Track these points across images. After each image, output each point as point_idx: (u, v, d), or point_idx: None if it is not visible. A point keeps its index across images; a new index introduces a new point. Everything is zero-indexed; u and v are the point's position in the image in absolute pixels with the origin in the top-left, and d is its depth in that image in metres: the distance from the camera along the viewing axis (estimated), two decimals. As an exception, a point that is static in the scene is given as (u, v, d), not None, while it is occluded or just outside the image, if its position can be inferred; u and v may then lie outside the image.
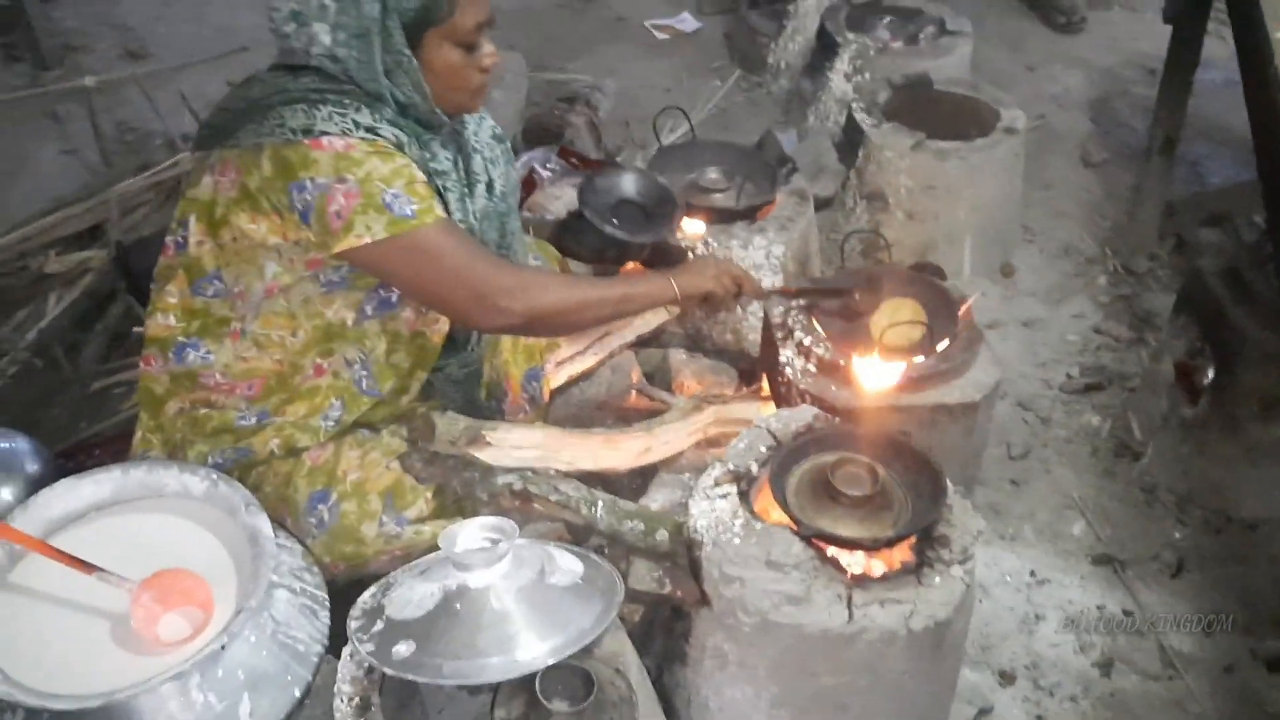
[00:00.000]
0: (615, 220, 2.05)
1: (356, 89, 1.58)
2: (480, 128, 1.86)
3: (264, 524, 1.52)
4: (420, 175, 1.60)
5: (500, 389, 2.01)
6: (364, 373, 1.75)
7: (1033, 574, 2.15)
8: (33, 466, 1.94)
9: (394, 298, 1.72)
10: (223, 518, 1.57)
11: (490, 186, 1.83)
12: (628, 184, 2.14)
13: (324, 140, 1.52)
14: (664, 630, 1.75)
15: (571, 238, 2.08)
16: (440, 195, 1.67)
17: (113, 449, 2.07)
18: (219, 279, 1.67)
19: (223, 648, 1.38)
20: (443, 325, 1.80)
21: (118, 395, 2.47)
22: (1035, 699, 1.93)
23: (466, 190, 1.75)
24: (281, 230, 1.60)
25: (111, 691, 1.32)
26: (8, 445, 1.95)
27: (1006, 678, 1.96)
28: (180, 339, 1.71)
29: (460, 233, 1.63)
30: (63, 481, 1.58)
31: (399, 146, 1.59)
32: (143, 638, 1.43)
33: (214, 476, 1.59)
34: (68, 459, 2.09)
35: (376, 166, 1.54)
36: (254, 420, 1.72)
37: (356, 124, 1.54)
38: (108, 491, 1.59)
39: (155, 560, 1.50)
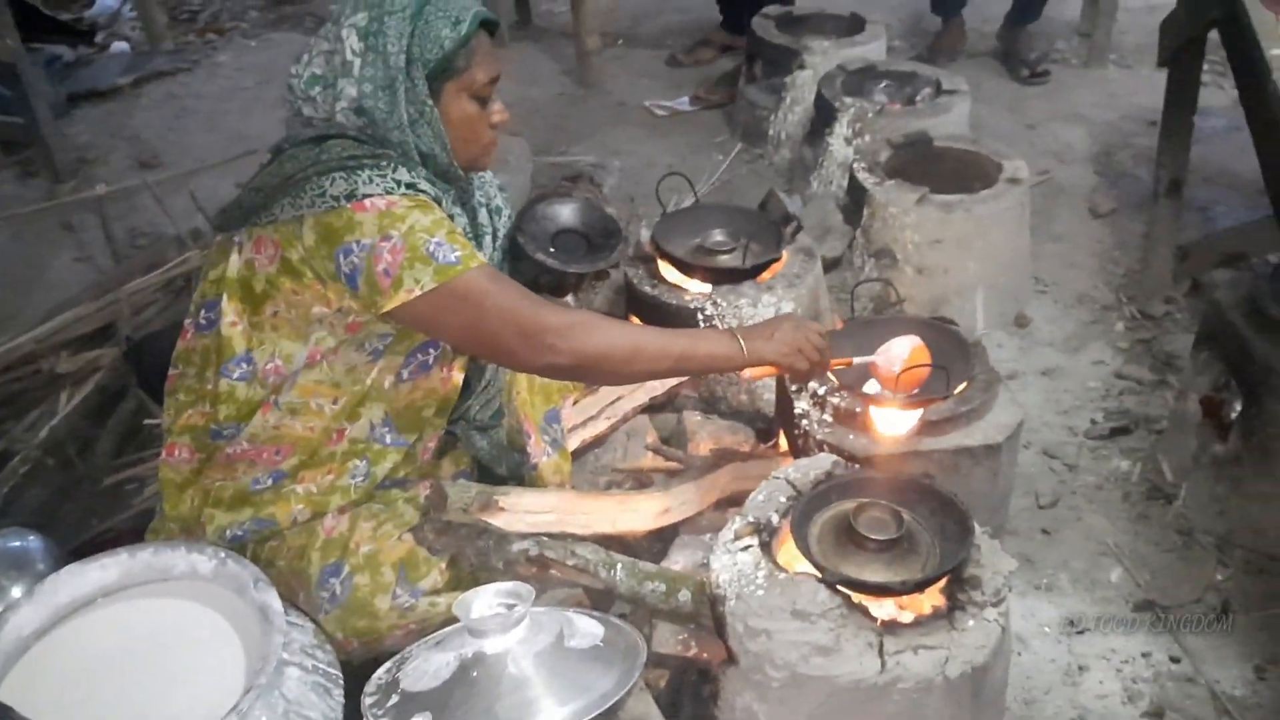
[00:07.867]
0: (552, 249, 1.97)
1: (388, 150, 1.60)
2: (485, 178, 1.89)
3: (274, 600, 1.48)
4: (457, 225, 1.62)
5: (520, 435, 1.98)
6: (386, 429, 1.75)
7: (1071, 623, 2.07)
8: (44, 564, 1.92)
9: (430, 360, 1.73)
10: (232, 596, 1.53)
11: (495, 237, 1.86)
12: (570, 213, 2.06)
13: (366, 202, 1.53)
14: (692, 696, 1.69)
15: (509, 263, 2.00)
16: None
17: (125, 545, 2.04)
18: (248, 360, 1.67)
19: (232, 727, 1.33)
20: (461, 362, 1.79)
21: (130, 491, 2.44)
22: (1086, 753, 1.85)
23: (474, 244, 1.76)
24: (325, 299, 1.61)
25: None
26: (20, 544, 1.93)
27: (1054, 732, 1.88)
28: (212, 426, 1.70)
29: (502, 276, 1.63)
30: (69, 567, 1.55)
31: (436, 201, 1.61)
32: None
33: (221, 554, 1.56)
34: (80, 556, 2.06)
35: (418, 219, 1.54)
36: (270, 483, 1.70)
37: (397, 182, 1.56)
38: (114, 576, 1.56)
39: (164, 644, 1.46)
